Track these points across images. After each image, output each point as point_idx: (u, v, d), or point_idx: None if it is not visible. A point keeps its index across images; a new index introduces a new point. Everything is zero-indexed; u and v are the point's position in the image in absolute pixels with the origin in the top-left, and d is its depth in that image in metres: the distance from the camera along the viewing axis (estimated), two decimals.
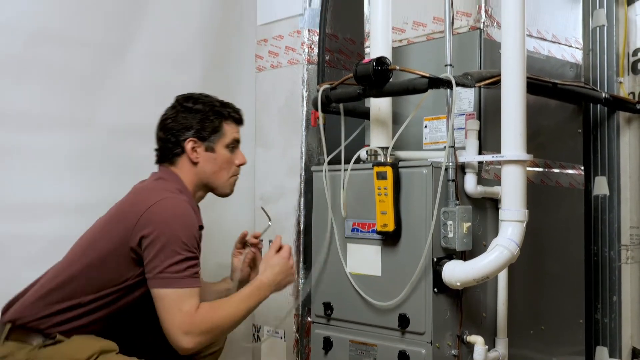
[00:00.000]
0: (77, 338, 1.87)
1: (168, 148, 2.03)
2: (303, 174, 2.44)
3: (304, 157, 2.47)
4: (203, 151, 2.01)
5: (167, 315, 1.83)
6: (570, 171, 2.32)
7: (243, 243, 2.17)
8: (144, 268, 1.85)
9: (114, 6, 2.63)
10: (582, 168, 2.38)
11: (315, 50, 2.44)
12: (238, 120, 2.09)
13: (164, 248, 1.83)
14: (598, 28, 2.52)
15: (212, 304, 1.89)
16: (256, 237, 2.15)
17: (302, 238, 2.45)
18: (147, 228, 1.84)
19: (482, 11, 2.03)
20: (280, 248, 2.01)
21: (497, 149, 1.90)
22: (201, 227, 1.98)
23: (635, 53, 2.49)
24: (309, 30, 2.46)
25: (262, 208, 2.29)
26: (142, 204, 1.89)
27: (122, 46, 2.64)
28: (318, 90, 2.07)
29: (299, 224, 2.46)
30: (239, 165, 2.09)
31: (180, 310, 1.82)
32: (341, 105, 2.09)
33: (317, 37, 2.43)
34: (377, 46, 2.04)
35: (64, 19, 2.50)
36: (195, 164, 2.02)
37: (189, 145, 2.00)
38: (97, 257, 1.88)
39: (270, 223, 2.16)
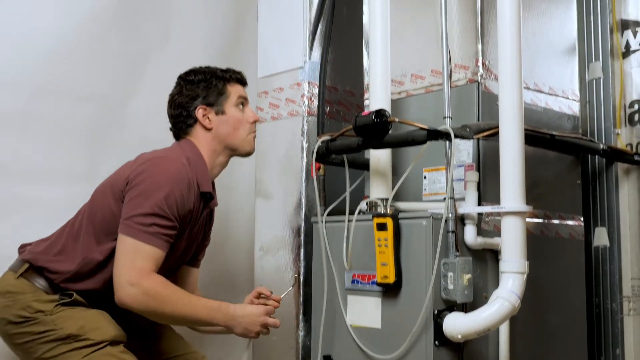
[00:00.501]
0: (94, 313, 1.92)
1: (181, 122, 2.11)
2: (303, 225, 2.44)
3: (304, 208, 2.47)
4: (214, 116, 2.09)
5: (120, 261, 1.85)
6: (570, 222, 2.32)
7: (257, 297, 2.13)
8: None
9: (116, 62, 2.67)
10: (582, 219, 2.38)
11: (315, 102, 2.47)
12: (241, 81, 2.18)
13: (139, 196, 1.88)
14: (594, 80, 2.55)
15: (168, 283, 1.88)
16: (277, 300, 2.11)
17: (301, 289, 2.43)
18: (135, 174, 1.91)
19: (480, 64, 2.06)
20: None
21: (496, 200, 1.90)
22: (208, 198, 2.05)
23: (631, 105, 2.52)
24: (309, 83, 2.48)
25: (291, 288, 2.32)
26: (142, 158, 1.98)
27: (124, 101, 2.68)
28: (318, 142, 2.09)
29: (299, 275, 2.45)
30: (252, 123, 2.16)
31: (132, 263, 1.83)
32: (345, 157, 2.10)
33: (317, 89, 2.46)
34: (377, 98, 2.06)
35: (67, 74, 2.54)
36: (209, 130, 2.09)
37: (199, 113, 2.08)
38: (103, 209, 1.96)
39: (291, 287, 2.24)
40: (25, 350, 1.90)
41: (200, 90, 2.10)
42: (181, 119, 2.11)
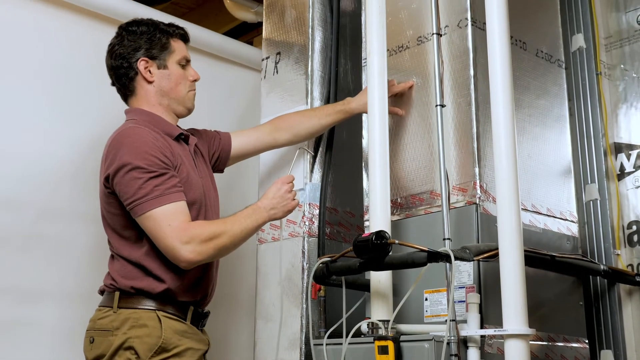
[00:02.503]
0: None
1: (122, 74, 2.09)
2: (303, 347, 2.40)
3: (304, 330, 2.44)
4: (156, 69, 2.09)
5: (159, 234, 1.85)
6: (574, 344, 2.28)
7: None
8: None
9: None
10: (587, 341, 2.34)
11: (316, 223, 2.49)
12: (184, 37, 2.18)
13: (123, 180, 1.89)
14: (591, 202, 2.58)
15: (207, 222, 1.96)
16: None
17: None
18: (108, 164, 1.94)
19: (477, 187, 2.10)
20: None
21: (499, 322, 1.88)
22: (185, 138, 2.12)
23: (629, 226, 2.54)
24: (309, 204, 2.51)
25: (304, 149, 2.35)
26: (105, 151, 2.00)
27: None
28: (317, 263, 2.09)
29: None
30: (193, 81, 2.16)
31: (170, 226, 1.84)
32: (343, 278, 2.10)
33: (317, 211, 2.49)
34: (376, 220, 2.08)
35: (69, 195, 2.58)
36: (150, 82, 2.08)
37: (141, 65, 2.07)
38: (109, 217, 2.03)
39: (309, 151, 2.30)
40: None
41: (143, 42, 2.09)
42: (122, 70, 2.10)
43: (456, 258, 1.84)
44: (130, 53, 2.10)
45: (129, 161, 1.91)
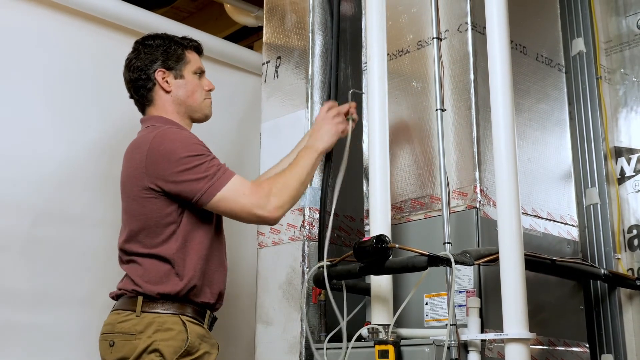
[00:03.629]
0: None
1: (140, 86, 2.16)
2: (304, 351, 2.40)
3: (304, 334, 2.43)
4: (173, 79, 2.16)
5: (238, 207, 1.97)
6: (575, 349, 2.28)
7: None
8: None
9: (117, 187, 2.72)
10: (587, 345, 2.34)
11: (316, 227, 2.49)
12: (198, 49, 2.27)
13: (181, 174, 1.96)
14: (592, 206, 2.58)
15: (270, 178, 2.09)
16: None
17: None
18: (155, 172, 1.98)
19: (478, 191, 2.10)
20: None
21: (499, 327, 1.88)
22: None
23: (630, 230, 2.54)
24: (309, 208, 2.51)
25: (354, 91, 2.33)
26: (140, 153, 2.03)
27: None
28: (316, 267, 2.09)
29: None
30: (208, 91, 2.23)
31: (245, 194, 1.97)
32: (344, 283, 2.10)
33: (317, 215, 2.49)
34: (377, 224, 2.08)
35: (69, 198, 2.58)
36: (168, 92, 2.15)
37: (159, 76, 2.15)
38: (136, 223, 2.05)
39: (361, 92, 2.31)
40: None
41: (159, 54, 2.17)
42: (140, 82, 2.17)
43: (456, 262, 1.84)
44: (148, 65, 2.17)
45: (184, 154, 1.99)
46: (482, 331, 1.95)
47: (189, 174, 1.97)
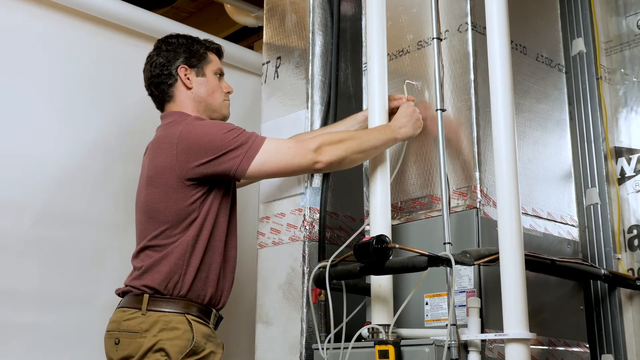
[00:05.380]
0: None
1: (162, 82, 2.18)
2: (304, 351, 2.40)
3: (305, 334, 2.43)
4: (194, 76, 2.18)
5: (284, 159, 1.98)
6: (575, 349, 2.28)
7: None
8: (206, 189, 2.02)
9: (117, 187, 2.72)
10: (587, 345, 2.34)
11: (316, 227, 2.49)
12: (219, 52, 2.30)
13: (215, 151, 1.98)
14: (592, 206, 2.57)
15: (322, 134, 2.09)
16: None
17: None
18: (189, 161, 1.99)
19: (478, 191, 2.10)
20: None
21: (499, 327, 1.88)
22: None
23: (630, 230, 2.54)
24: (309, 208, 2.51)
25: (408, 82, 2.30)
26: (169, 146, 2.02)
27: (124, 225, 2.70)
28: (317, 267, 2.09)
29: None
30: (227, 93, 2.26)
31: (290, 147, 1.97)
32: (343, 283, 2.10)
33: (317, 215, 2.49)
34: (377, 224, 2.08)
35: (69, 198, 2.58)
36: (189, 89, 2.17)
37: (181, 72, 2.17)
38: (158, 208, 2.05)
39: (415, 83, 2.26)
40: None
41: (182, 52, 2.20)
42: (162, 78, 2.18)
43: (457, 262, 1.84)
44: (171, 61, 2.20)
45: (215, 135, 2.00)
46: (482, 331, 1.95)
47: (222, 149, 1.99)
